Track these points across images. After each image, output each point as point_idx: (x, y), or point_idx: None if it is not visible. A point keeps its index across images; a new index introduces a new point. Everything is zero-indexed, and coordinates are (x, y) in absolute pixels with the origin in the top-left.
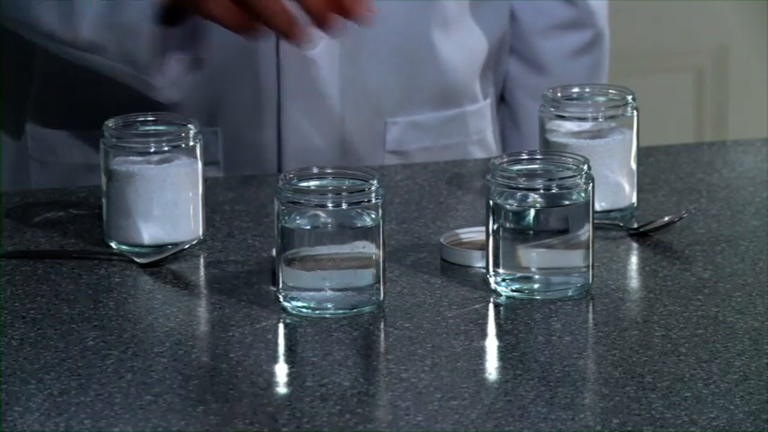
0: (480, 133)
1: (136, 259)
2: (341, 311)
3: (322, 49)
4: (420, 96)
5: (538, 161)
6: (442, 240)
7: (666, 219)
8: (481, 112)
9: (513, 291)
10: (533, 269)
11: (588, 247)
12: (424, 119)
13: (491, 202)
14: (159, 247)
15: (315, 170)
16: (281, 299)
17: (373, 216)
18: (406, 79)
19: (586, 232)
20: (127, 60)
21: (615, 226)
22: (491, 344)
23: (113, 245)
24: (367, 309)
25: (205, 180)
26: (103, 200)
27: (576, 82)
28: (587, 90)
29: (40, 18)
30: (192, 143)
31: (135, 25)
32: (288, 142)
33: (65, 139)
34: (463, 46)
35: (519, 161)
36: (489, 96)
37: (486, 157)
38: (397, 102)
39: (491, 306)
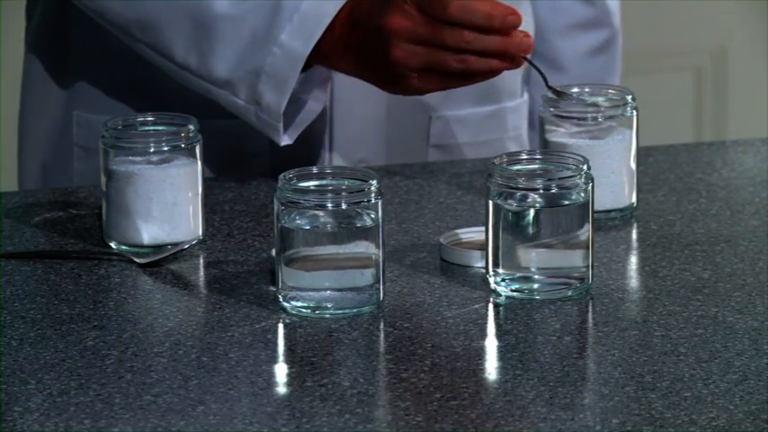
0: (517, 129)
1: (135, 259)
2: (340, 311)
3: None
4: (463, 91)
5: (537, 161)
6: (441, 240)
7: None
8: (519, 109)
9: (512, 291)
10: (533, 269)
11: (588, 247)
12: (466, 114)
13: (491, 202)
14: (159, 248)
15: (314, 170)
16: (281, 299)
17: (373, 216)
18: None
19: (586, 232)
20: (254, 101)
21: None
22: (491, 344)
23: (113, 245)
24: (367, 309)
25: (204, 180)
26: (103, 200)
27: (592, 81)
28: (587, 90)
29: (174, 49)
30: (191, 143)
31: (272, 70)
32: (336, 135)
33: None
34: None
35: (519, 161)
36: (525, 93)
37: None
38: (441, 96)
39: (491, 306)
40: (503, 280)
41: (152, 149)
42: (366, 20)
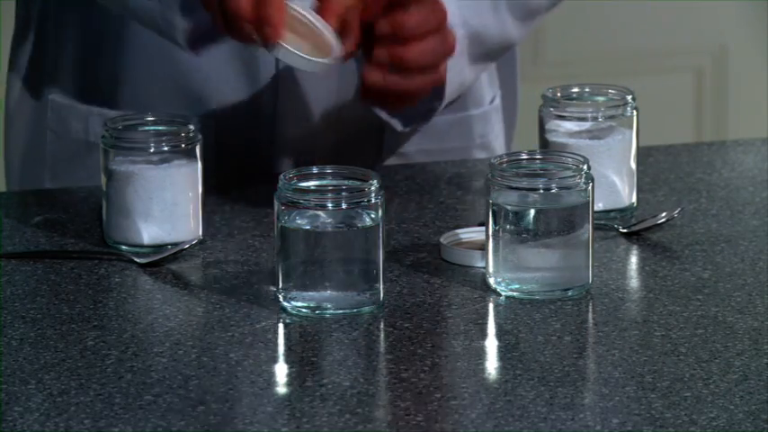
0: (484, 137)
1: (135, 259)
2: (341, 311)
3: None
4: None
5: (537, 161)
6: (442, 240)
7: (662, 215)
8: (486, 116)
9: (512, 291)
10: (533, 269)
11: (588, 247)
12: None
13: (491, 202)
14: (159, 247)
15: (315, 170)
16: (281, 299)
17: (373, 216)
18: None
19: (586, 232)
20: None
21: (606, 225)
22: (491, 344)
23: (113, 245)
24: (367, 309)
25: (205, 180)
26: (103, 200)
27: None
28: (587, 90)
29: None
30: (191, 143)
31: None
32: (282, 139)
33: (83, 114)
34: None
35: (519, 161)
36: (495, 99)
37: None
38: None
39: (491, 306)
40: (503, 280)
41: (152, 149)
42: None
